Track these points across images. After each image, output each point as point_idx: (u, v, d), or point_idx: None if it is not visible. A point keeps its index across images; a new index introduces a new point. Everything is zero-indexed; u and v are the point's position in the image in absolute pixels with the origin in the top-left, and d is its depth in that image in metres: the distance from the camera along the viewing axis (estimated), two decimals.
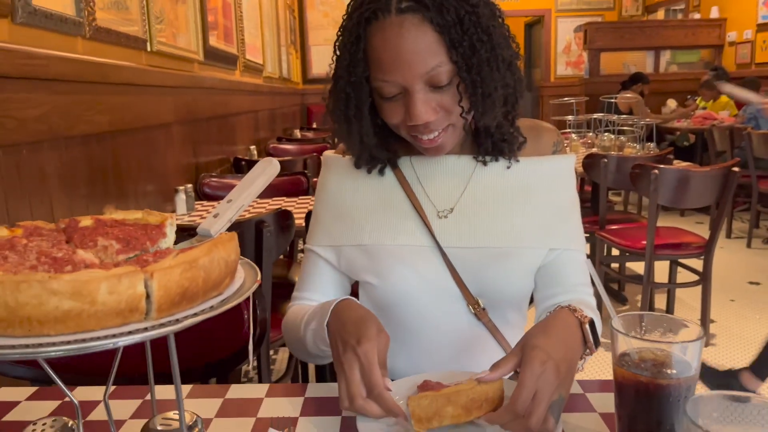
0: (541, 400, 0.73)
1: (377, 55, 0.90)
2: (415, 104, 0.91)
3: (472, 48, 0.89)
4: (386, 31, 0.89)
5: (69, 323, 0.48)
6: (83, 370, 1.06)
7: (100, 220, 0.71)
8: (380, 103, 0.95)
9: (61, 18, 1.84)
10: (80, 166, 1.90)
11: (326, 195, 1.11)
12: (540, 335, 0.80)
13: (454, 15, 0.88)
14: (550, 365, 0.75)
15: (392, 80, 0.90)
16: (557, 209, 1.06)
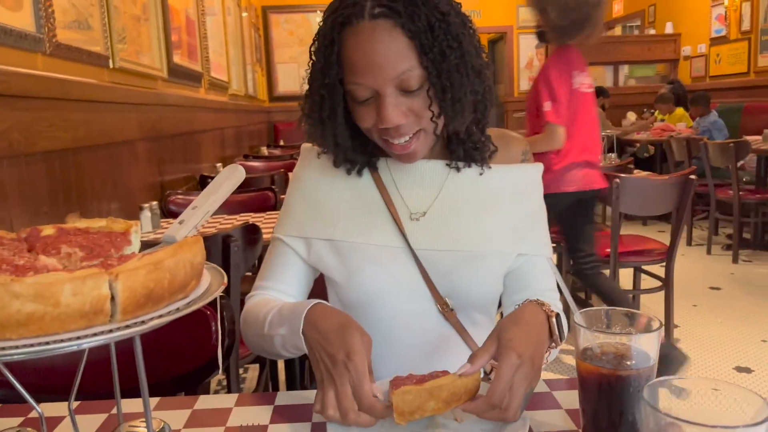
0: (517, 393, 0.76)
1: (350, 58, 0.92)
2: (386, 107, 0.93)
3: (441, 54, 0.92)
4: (359, 35, 0.91)
5: (32, 327, 0.48)
6: (48, 385, 1.04)
7: (63, 228, 0.70)
8: (353, 107, 0.97)
9: (21, 34, 1.82)
10: (42, 183, 1.87)
11: (301, 185, 1.12)
12: (513, 328, 0.82)
13: (425, 22, 0.91)
14: (525, 358, 0.77)
15: (364, 83, 0.92)
16: (526, 216, 1.09)
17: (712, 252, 4.88)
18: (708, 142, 4.75)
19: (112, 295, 0.51)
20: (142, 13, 3.12)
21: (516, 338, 0.79)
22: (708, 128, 5.73)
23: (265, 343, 1.00)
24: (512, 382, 0.76)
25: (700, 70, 7.53)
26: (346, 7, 0.92)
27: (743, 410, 0.56)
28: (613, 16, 9.74)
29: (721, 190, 4.86)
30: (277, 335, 0.95)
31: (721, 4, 6.93)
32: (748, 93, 6.42)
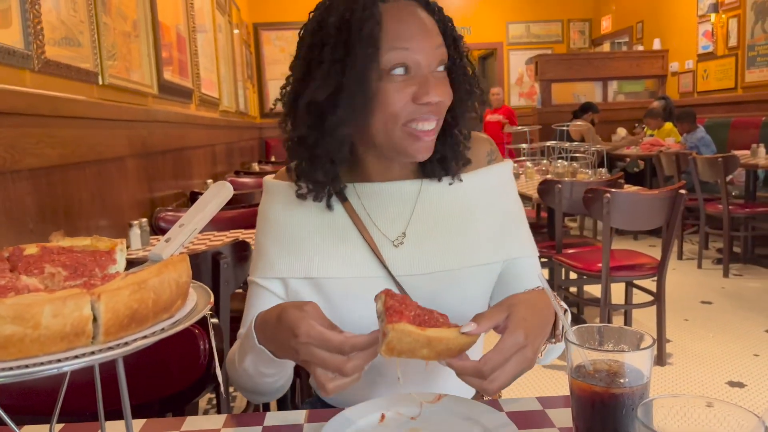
0: (508, 370, 0.75)
1: (395, 28, 0.92)
2: (431, 78, 0.93)
3: (460, 52, 1.00)
4: (402, 10, 0.94)
5: (11, 349, 0.46)
6: (29, 407, 1.02)
7: (47, 247, 0.69)
8: (385, 88, 0.92)
9: (9, 51, 1.81)
10: (28, 200, 1.85)
11: (269, 224, 1.06)
12: (527, 309, 0.80)
13: (448, 20, 1.00)
14: (530, 342, 0.77)
15: (412, 47, 0.92)
16: (504, 218, 1.07)
17: (703, 266, 4.90)
18: (697, 157, 4.79)
19: (94, 316, 0.49)
20: (133, 29, 3.12)
21: (528, 320, 0.79)
22: (695, 144, 5.79)
23: (251, 382, 0.97)
24: (509, 360, 0.75)
25: (688, 85, 7.61)
26: None
27: (737, 428, 0.55)
28: (602, 32, 9.86)
29: (710, 205, 4.89)
30: (249, 366, 0.92)
31: (708, 21, 7.03)
32: (735, 108, 6.49)
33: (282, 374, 0.96)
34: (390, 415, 0.87)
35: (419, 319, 0.75)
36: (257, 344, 0.87)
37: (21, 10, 1.91)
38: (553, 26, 9.95)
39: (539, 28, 9.91)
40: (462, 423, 0.85)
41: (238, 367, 0.96)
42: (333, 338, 0.77)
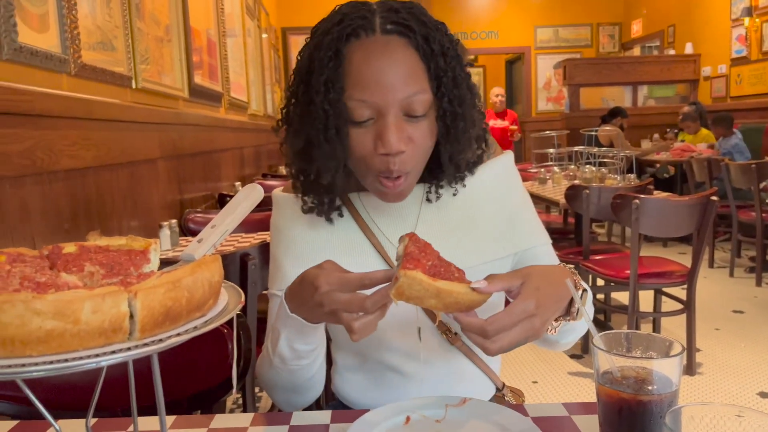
0: (513, 336, 0.76)
1: (358, 72, 0.86)
2: (390, 129, 0.87)
3: (455, 81, 0.90)
4: (369, 49, 0.87)
5: (52, 343, 0.48)
6: (65, 402, 1.04)
7: (84, 246, 0.71)
8: (351, 133, 0.90)
9: (47, 55, 1.86)
10: (64, 201, 1.90)
11: (281, 237, 1.07)
12: (544, 280, 0.81)
13: (439, 45, 0.88)
14: (540, 313, 0.77)
15: (371, 100, 0.86)
16: (510, 212, 1.06)
17: (735, 274, 4.80)
18: (730, 163, 4.70)
19: (131, 313, 0.51)
20: (165, 34, 3.18)
21: (543, 290, 0.79)
22: (729, 150, 5.67)
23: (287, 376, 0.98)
24: (516, 325, 0.76)
25: (721, 90, 7.48)
26: (354, 18, 0.88)
27: None
28: (632, 36, 9.73)
29: (743, 212, 4.79)
30: (284, 348, 0.93)
31: (741, 25, 6.90)
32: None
33: (316, 353, 0.96)
34: (415, 418, 0.87)
35: (435, 269, 0.76)
36: (290, 314, 0.88)
37: (58, 15, 1.97)
38: (582, 30, 9.86)
39: (568, 32, 9.83)
40: (487, 427, 0.85)
41: (272, 360, 0.96)
42: (352, 276, 0.79)
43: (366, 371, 1.08)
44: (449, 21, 4.28)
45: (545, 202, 3.93)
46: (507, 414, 0.87)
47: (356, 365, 1.09)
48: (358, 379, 1.09)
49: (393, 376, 1.06)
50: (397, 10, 0.89)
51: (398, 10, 0.89)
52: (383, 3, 0.91)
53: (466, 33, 9.72)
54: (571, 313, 0.87)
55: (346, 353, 1.10)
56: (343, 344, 1.10)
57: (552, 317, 0.83)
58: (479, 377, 1.09)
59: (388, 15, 0.88)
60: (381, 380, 1.07)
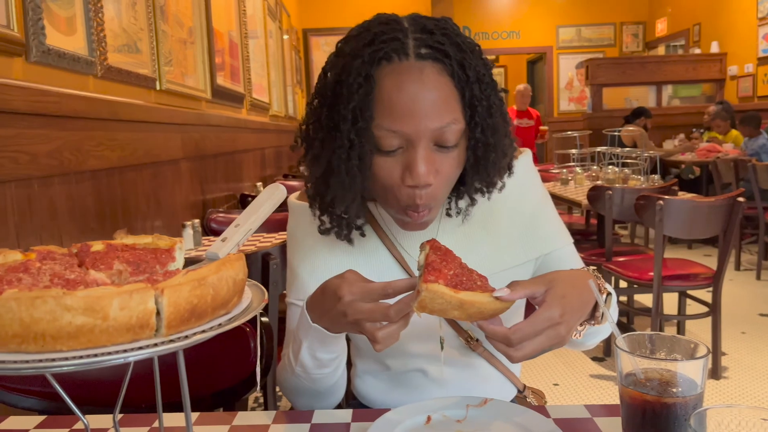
0: (536, 344, 0.75)
1: (389, 100, 0.81)
2: (419, 161, 0.82)
3: (489, 110, 0.85)
4: (403, 75, 0.81)
5: (81, 339, 0.49)
6: (91, 398, 1.06)
7: (111, 244, 0.73)
8: (375, 161, 0.86)
9: (74, 57, 1.90)
10: (90, 201, 1.93)
11: (298, 246, 1.05)
12: (569, 286, 0.80)
13: (475, 72, 0.83)
14: (565, 321, 0.76)
15: (400, 130, 0.82)
16: (531, 215, 1.04)
17: (762, 277, 4.72)
18: (757, 164, 4.62)
19: (157, 309, 0.52)
20: (188, 36, 3.22)
21: (568, 297, 0.78)
22: (756, 151, 5.57)
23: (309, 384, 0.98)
24: (540, 334, 0.75)
25: (748, 90, 7.35)
26: (386, 41, 0.82)
27: None
28: (657, 35, 9.61)
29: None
30: (306, 358, 0.93)
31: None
32: None
33: (338, 362, 0.96)
34: (436, 418, 0.87)
35: (457, 279, 0.75)
36: (311, 324, 0.87)
37: (85, 18, 2.00)
38: (605, 29, 9.77)
39: (591, 31, 9.74)
40: (509, 428, 0.85)
41: (294, 369, 0.96)
42: (375, 285, 0.79)
43: (387, 376, 1.08)
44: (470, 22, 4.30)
45: (567, 203, 3.90)
46: (529, 415, 0.86)
47: (377, 370, 1.09)
48: (379, 383, 1.10)
49: (414, 380, 1.06)
50: (430, 31, 0.83)
51: (432, 31, 0.83)
52: (415, 21, 0.86)
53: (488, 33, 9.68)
54: (596, 317, 0.86)
55: (367, 359, 1.11)
56: (364, 351, 1.10)
57: (577, 323, 0.82)
58: (500, 380, 1.09)
59: (422, 37, 0.83)
60: (402, 383, 1.07)
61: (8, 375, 1.10)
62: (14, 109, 1.51)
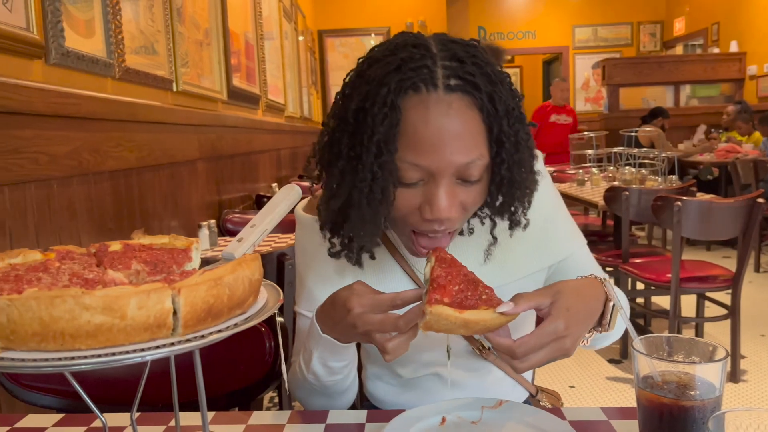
0: (541, 356, 0.75)
1: (414, 133, 0.77)
2: (441, 196, 0.79)
3: (517, 145, 0.81)
4: (430, 108, 0.77)
5: (100, 338, 0.50)
6: (108, 397, 1.07)
7: (129, 244, 0.74)
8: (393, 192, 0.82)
9: (93, 60, 1.92)
10: (108, 201, 1.95)
11: (308, 257, 1.03)
12: (574, 298, 0.79)
13: (504, 106, 0.79)
14: (570, 333, 0.76)
15: (424, 165, 0.78)
16: (544, 221, 1.00)
17: None
18: None
19: (174, 309, 0.52)
20: (204, 38, 3.24)
21: (573, 309, 0.78)
22: None
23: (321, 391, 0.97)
24: (545, 346, 0.75)
25: (767, 89, 7.25)
26: (413, 69, 0.77)
27: None
28: (675, 34, 9.52)
29: None
30: (317, 366, 0.93)
31: None
32: None
33: (349, 368, 0.96)
34: (451, 419, 0.87)
35: (462, 294, 0.75)
36: (321, 335, 0.88)
37: (103, 20, 2.03)
38: (622, 29, 9.69)
39: (607, 31, 9.67)
40: (523, 430, 0.84)
41: (306, 377, 0.96)
42: (384, 296, 0.79)
43: (398, 381, 1.08)
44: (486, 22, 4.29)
45: (583, 204, 3.87)
46: (544, 417, 0.86)
47: (389, 375, 1.09)
48: (391, 387, 1.10)
49: (426, 384, 1.06)
50: (460, 60, 0.79)
51: (462, 59, 0.79)
52: (444, 45, 0.81)
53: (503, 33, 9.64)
54: (603, 325, 0.85)
55: (378, 365, 1.11)
56: (374, 357, 1.10)
57: (583, 334, 0.82)
58: (512, 385, 1.08)
59: (452, 66, 0.78)
60: (414, 387, 1.07)
61: (28, 373, 1.12)
62: (34, 110, 1.54)
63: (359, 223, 0.83)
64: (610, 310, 0.84)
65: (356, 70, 0.84)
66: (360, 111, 0.79)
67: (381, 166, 0.78)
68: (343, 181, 0.82)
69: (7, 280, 0.58)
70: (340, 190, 0.83)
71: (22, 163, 1.49)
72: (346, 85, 0.85)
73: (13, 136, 1.46)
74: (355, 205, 0.81)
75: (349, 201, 0.82)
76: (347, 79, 0.86)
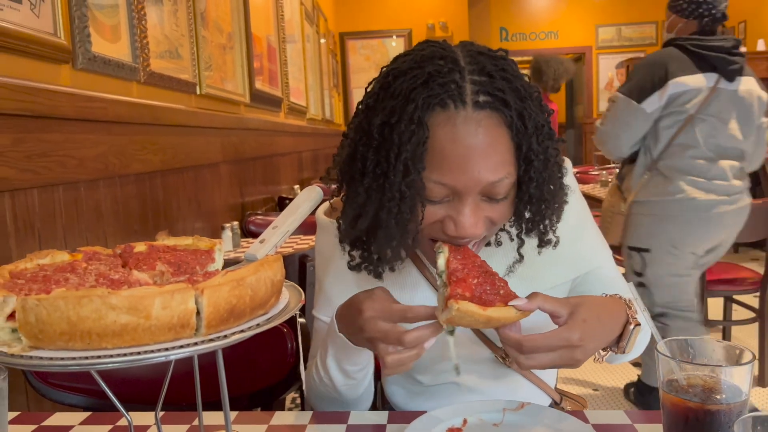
0: (549, 359, 0.76)
1: (441, 151, 0.75)
2: (467, 215, 0.78)
3: (545, 163, 0.79)
4: (458, 126, 0.75)
5: (125, 337, 0.51)
6: (133, 396, 1.09)
7: (153, 246, 0.75)
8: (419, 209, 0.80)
9: (119, 64, 1.95)
10: (133, 203, 1.98)
11: (327, 261, 1.03)
12: (593, 312, 0.79)
13: (534, 123, 0.77)
14: (582, 345, 0.76)
15: (450, 183, 0.77)
16: (570, 232, 0.97)
17: None
18: None
19: (197, 309, 0.53)
20: (228, 41, 3.28)
21: (589, 323, 0.77)
22: None
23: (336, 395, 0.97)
24: (554, 350, 0.75)
25: None
26: (441, 84, 0.75)
27: None
28: None
29: None
30: (332, 369, 0.92)
31: None
32: None
33: (363, 374, 0.96)
34: (472, 421, 0.87)
35: (481, 288, 0.76)
36: (338, 332, 0.87)
37: (129, 25, 2.06)
38: (646, 28, 9.56)
39: (631, 30, 9.55)
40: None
41: (322, 378, 0.96)
42: (396, 307, 0.78)
43: (417, 386, 1.08)
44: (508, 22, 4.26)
45: None
46: (567, 420, 0.85)
47: (407, 380, 1.09)
48: (410, 392, 1.09)
49: (445, 391, 1.05)
50: (489, 74, 0.77)
51: (491, 73, 0.77)
52: (473, 57, 0.79)
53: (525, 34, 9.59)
54: (620, 346, 0.84)
55: None
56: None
57: (596, 350, 0.82)
58: (535, 392, 1.07)
59: (481, 81, 0.76)
60: (433, 394, 1.06)
61: (56, 371, 1.14)
62: (62, 114, 1.57)
63: (386, 241, 0.81)
64: (630, 332, 0.83)
65: (380, 81, 0.82)
66: (386, 126, 0.77)
67: (409, 185, 0.76)
68: (369, 199, 0.79)
69: (36, 280, 0.59)
70: (366, 209, 0.80)
71: (51, 167, 1.52)
72: (369, 95, 0.83)
73: (42, 140, 1.49)
74: (383, 225, 0.79)
75: (376, 220, 0.80)
76: (369, 88, 0.84)
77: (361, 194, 0.80)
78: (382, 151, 0.77)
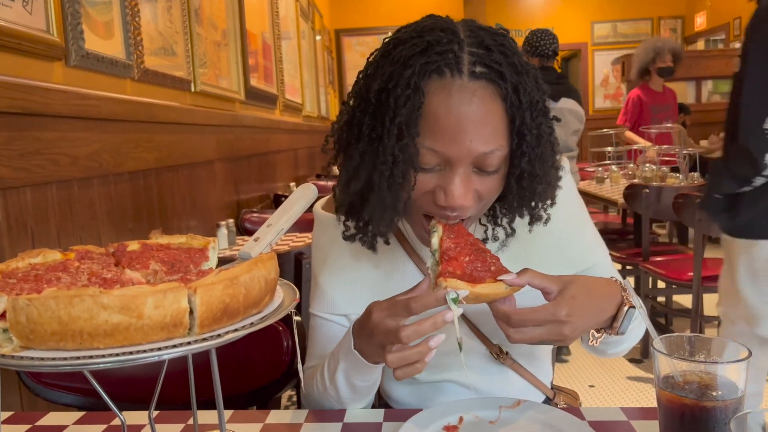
0: (536, 334, 0.77)
1: (435, 118, 0.76)
2: (457, 185, 0.79)
3: (539, 138, 0.80)
4: (453, 94, 0.76)
5: (117, 336, 0.50)
6: (126, 396, 1.08)
7: (147, 244, 0.74)
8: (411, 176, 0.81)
9: (112, 61, 1.94)
10: (127, 201, 1.97)
11: (324, 256, 1.03)
12: (583, 290, 0.80)
13: (528, 98, 0.78)
14: (571, 322, 0.76)
15: (443, 151, 0.77)
16: (568, 230, 0.99)
17: None
18: None
19: (190, 308, 0.52)
20: (222, 38, 3.26)
21: (578, 299, 0.78)
22: None
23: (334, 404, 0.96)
24: (541, 325, 0.76)
25: None
26: (439, 53, 0.76)
27: None
28: (696, 30, 9.38)
29: None
30: (340, 380, 0.91)
31: None
32: None
33: (370, 389, 0.94)
34: (468, 418, 0.87)
35: (472, 265, 0.77)
36: (352, 348, 0.86)
37: (122, 22, 2.05)
38: (642, 24, 9.57)
39: (627, 26, 9.56)
40: (541, 429, 0.84)
41: (326, 388, 0.94)
42: (399, 298, 0.79)
43: (414, 383, 1.07)
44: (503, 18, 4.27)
45: (603, 202, 3.83)
46: (562, 417, 0.85)
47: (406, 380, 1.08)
48: (407, 388, 1.09)
49: (442, 388, 1.05)
50: (488, 47, 0.78)
51: (489, 47, 0.78)
52: (473, 31, 0.80)
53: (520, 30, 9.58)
54: (613, 327, 0.84)
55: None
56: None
57: (587, 328, 0.82)
58: (529, 389, 1.06)
59: (479, 53, 0.77)
60: (430, 390, 1.06)
61: (47, 371, 1.13)
62: (56, 112, 1.56)
63: (378, 206, 0.82)
64: (624, 314, 0.83)
65: (381, 49, 0.84)
66: (383, 91, 0.78)
67: (402, 150, 0.77)
68: (363, 163, 0.81)
69: (27, 279, 0.59)
70: (359, 172, 0.81)
71: (44, 165, 1.51)
72: (369, 64, 0.84)
73: (35, 138, 1.48)
74: (375, 189, 0.80)
75: (369, 184, 0.81)
76: (371, 58, 0.85)
77: (355, 158, 0.81)
78: (377, 115, 0.78)
